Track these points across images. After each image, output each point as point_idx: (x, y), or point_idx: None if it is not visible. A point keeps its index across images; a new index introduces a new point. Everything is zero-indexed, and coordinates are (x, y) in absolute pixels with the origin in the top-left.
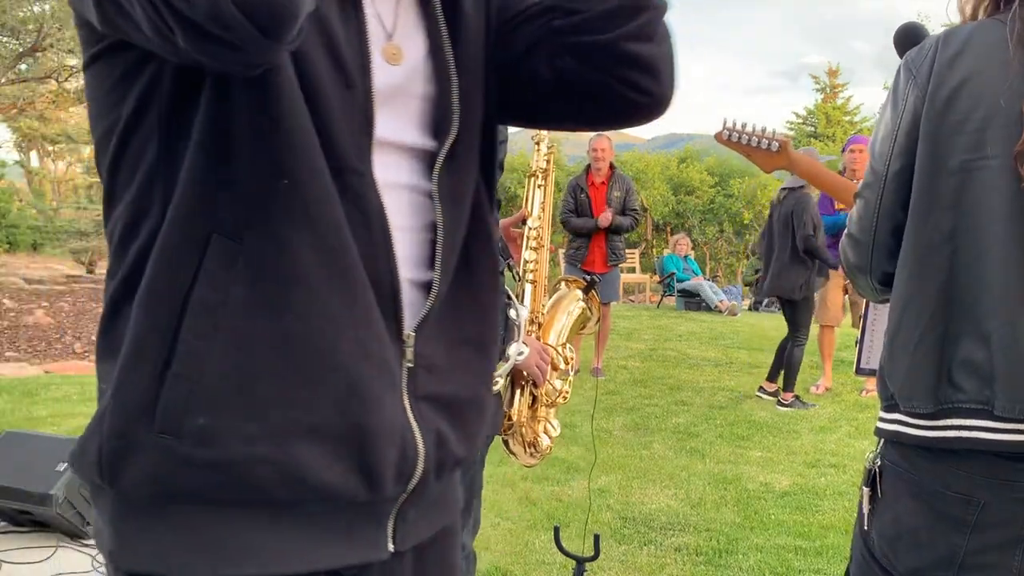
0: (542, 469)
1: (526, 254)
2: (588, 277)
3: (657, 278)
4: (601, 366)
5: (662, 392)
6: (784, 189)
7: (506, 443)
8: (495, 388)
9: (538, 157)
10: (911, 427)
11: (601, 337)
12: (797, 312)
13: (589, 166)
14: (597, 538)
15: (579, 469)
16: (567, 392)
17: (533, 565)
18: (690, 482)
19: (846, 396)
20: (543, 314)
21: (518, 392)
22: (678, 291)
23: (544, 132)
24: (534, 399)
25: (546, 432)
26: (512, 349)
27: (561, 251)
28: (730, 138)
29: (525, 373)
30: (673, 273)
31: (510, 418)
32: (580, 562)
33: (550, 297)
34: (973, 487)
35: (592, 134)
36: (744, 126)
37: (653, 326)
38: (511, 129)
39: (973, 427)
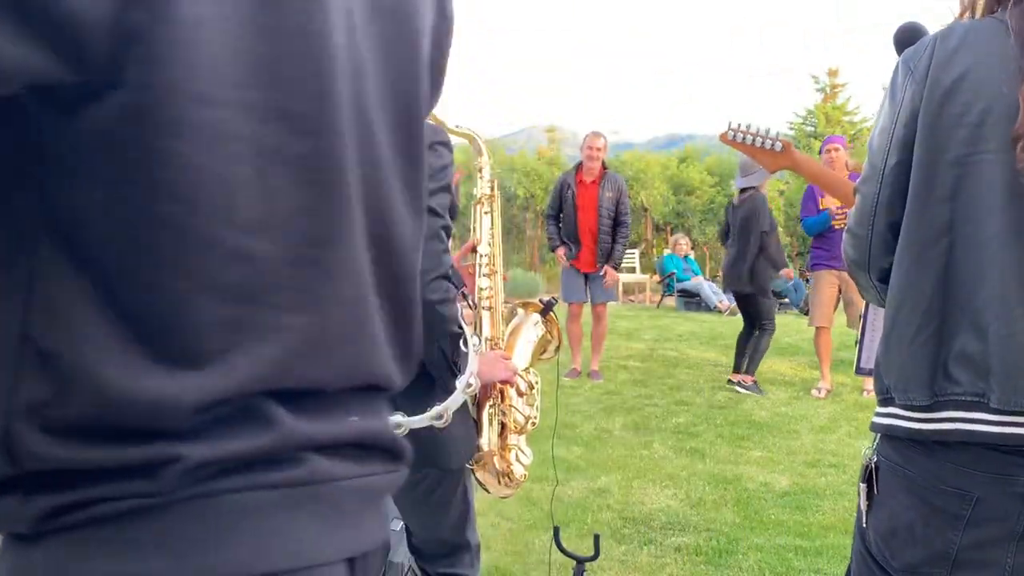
0: (542, 469)
1: (480, 282)
2: (544, 299)
3: (657, 278)
4: (598, 368)
5: (662, 392)
6: (747, 189)
7: (474, 474)
8: (442, 422)
9: (481, 184)
10: (906, 420)
11: (597, 339)
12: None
13: (580, 164)
14: (597, 538)
15: (579, 469)
16: (535, 418)
17: (533, 565)
18: (690, 482)
19: (846, 396)
20: (502, 341)
21: (485, 421)
22: (678, 291)
23: (484, 158)
24: (502, 427)
25: (518, 460)
26: (459, 382)
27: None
28: (735, 138)
29: (492, 391)
30: (673, 273)
31: (479, 448)
32: (580, 562)
33: (506, 324)
34: (968, 481)
35: (588, 131)
36: (748, 127)
37: (653, 326)
38: (514, 127)
39: (969, 419)
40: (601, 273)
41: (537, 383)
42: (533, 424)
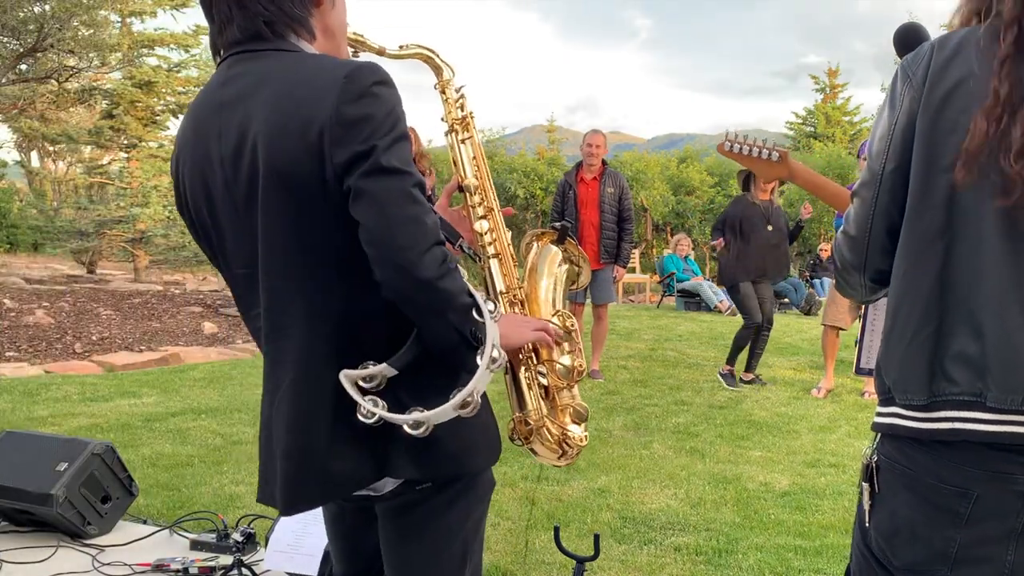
0: (542, 469)
1: (477, 225)
2: (556, 224)
3: (657, 278)
4: (599, 367)
5: (662, 392)
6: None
7: (533, 451)
8: (470, 411)
9: (449, 108)
10: (906, 419)
11: (597, 339)
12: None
13: (580, 163)
14: (597, 538)
15: (579, 469)
16: (582, 366)
17: (533, 565)
18: (690, 482)
19: (846, 396)
20: (521, 287)
21: (525, 388)
22: (678, 291)
23: (447, 75)
24: (546, 389)
25: (574, 419)
26: (480, 358)
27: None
28: (731, 149)
29: (523, 354)
30: (673, 273)
31: (526, 422)
32: (580, 562)
33: (523, 262)
34: (968, 480)
35: (586, 130)
36: (745, 137)
37: (653, 326)
38: (514, 128)
39: (966, 419)
40: (613, 275)
41: (574, 325)
42: (580, 373)
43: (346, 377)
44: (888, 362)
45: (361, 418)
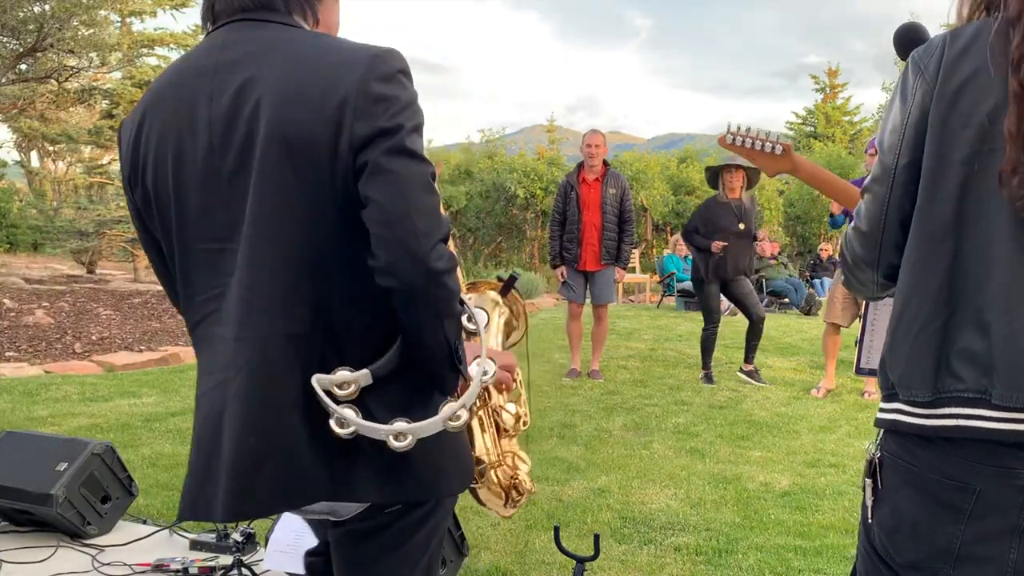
0: (542, 469)
1: None
2: (506, 275)
3: (657, 278)
4: (599, 367)
5: (662, 392)
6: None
7: (476, 497)
8: (460, 424)
9: None
10: (910, 416)
11: (597, 339)
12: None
13: (582, 163)
14: (597, 538)
15: (579, 469)
16: (527, 416)
17: (533, 565)
18: (690, 482)
19: (846, 396)
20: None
21: (477, 427)
22: (678, 291)
23: None
24: (497, 430)
25: (516, 467)
26: (473, 369)
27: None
28: (734, 142)
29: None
30: (673, 273)
31: (478, 461)
32: (580, 561)
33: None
34: (971, 474)
35: (586, 130)
36: (748, 130)
37: (653, 326)
38: (513, 128)
39: (971, 416)
40: (616, 278)
41: (519, 374)
42: (525, 424)
43: (318, 382)
44: (893, 358)
45: (336, 428)
